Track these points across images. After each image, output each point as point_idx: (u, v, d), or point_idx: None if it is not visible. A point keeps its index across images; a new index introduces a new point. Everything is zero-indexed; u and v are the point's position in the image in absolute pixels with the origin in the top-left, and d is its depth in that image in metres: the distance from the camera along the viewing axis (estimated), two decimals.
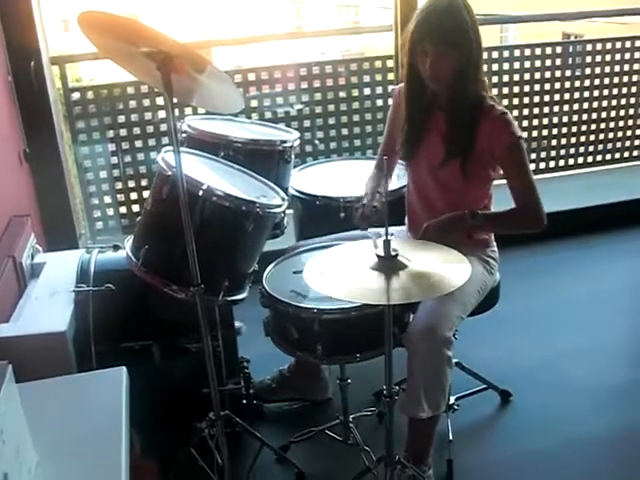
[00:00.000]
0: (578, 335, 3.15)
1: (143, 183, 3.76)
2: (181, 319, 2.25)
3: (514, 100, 4.25)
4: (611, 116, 4.48)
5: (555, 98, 4.33)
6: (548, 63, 4.25)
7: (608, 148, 4.55)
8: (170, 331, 2.38)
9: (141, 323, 2.38)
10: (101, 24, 1.79)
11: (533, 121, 4.34)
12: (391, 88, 3.78)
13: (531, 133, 4.34)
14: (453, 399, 2.54)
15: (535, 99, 4.29)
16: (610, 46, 4.33)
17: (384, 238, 1.72)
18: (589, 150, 4.52)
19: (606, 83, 4.38)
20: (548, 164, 4.48)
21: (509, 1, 11.72)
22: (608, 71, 4.36)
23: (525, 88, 4.26)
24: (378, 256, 1.72)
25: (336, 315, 2.07)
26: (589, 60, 4.33)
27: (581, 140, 4.49)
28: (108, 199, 3.80)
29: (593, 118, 4.45)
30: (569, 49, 4.35)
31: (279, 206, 2.22)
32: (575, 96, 4.37)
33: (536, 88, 4.27)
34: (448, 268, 1.74)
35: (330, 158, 3.73)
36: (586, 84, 4.36)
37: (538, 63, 4.23)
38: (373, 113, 4.01)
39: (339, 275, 1.75)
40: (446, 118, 2.25)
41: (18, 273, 2.45)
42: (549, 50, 4.23)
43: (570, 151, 4.50)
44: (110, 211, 3.82)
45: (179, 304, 2.09)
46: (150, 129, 3.71)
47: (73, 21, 1.80)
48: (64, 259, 2.55)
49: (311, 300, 2.11)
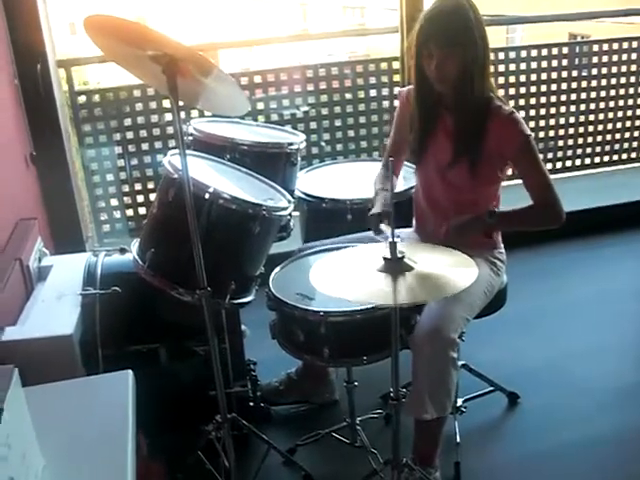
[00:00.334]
0: (585, 336, 3.14)
1: (150, 186, 3.77)
2: (188, 322, 2.26)
3: (521, 101, 4.24)
4: (618, 116, 4.46)
5: (562, 99, 4.32)
6: (555, 64, 4.23)
7: (615, 149, 4.53)
8: (177, 334, 2.37)
9: (148, 326, 2.37)
10: (107, 28, 1.80)
11: (540, 122, 4.33)
12: (397, 90, 3.79)
13: (538, 134, 4.32)
14: (460, 401, 2.53)
15: (542, 100, 4.28)
16: (617, 46, 4.31)
17: (390, 240, 1.72)
18: (596, 151, 4.51)
19: (613, 83, 4.37)
20: (555, 165, 4.47)
21: (516, 2, 11.70)
22: (615, 71, 4.34)
23: (532, 89, 4.25)
24: (385, 258, 1.71)
25: (342, 318, 2.07)
26: (596, 60, 4.32)
27: (588, 141, 4.47)
28: (115, 202, 3.81)
29: (600, 119, 4.44)
30: (576, 50, 4.34)
31: (285, 209, 2.22)
32: (582, 97, 4.36)
33: (543, 89, 4.26)
34: (454, 270, 1.74)
35: (336, 160, 3.73)
36: (593, 84, 4.35)
37: (545, 64, 4.22)
38: (379, 115, 4.01)
39: (346, 277, 1.74)
40: (453, 119, 2.25)
41: (25, 276, 2.45)
42: (555, 51, 4.22)
43: (577, 152, 4.48)
44: (117, 214, 3.83)
45: (186, 307, 2.09)
46: (157, 132, 3.71)
47: (80, 24, 1.80)
48: (71, 262, 2.56)
49: (317, 303, 2.10)
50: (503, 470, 2.43)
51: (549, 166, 4.43)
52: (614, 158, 4.57)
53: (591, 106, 4.39)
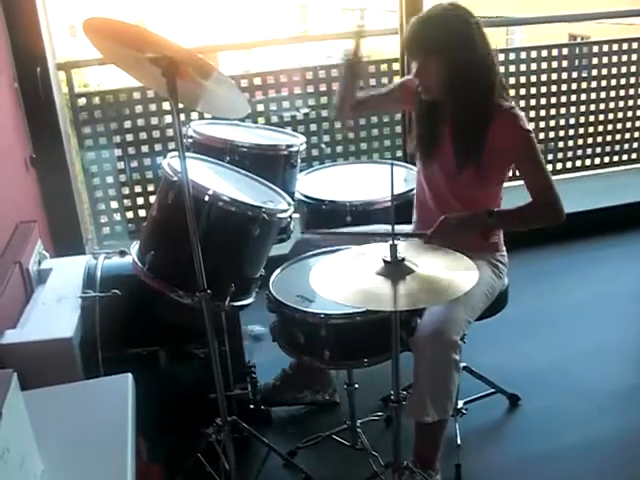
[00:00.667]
0: (586, 338, 3.13)
1: (150, 188, 3.76)
2: (188, 324, 2.25)
3: (521, 102, 4.22)
4: (619, 117, 4.45)
5: (562, 100, 4.31)
6: (555, 65, 4.23)
7: (616, 150, 4.52)
8: (177, 336, 2.37)
9: (148, 329, 2.37)
10: (106, 30, 1.79)
11: (540, 123, 4.32)
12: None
13: (538, 135, 4.31)
14: (461, 403, 2.52)
15: (542, 101, 4.28)
16: (617, 47, 4.30)
17: (390, 242, 1.72)
18: (597, 152, 4.50)
19: (613, 84, 4.36)
20: (555, 166, 4.45)
21: (515, 3, 11.71)
22: (615, 72, 4.33)
23: (532, 90, 4.24)
24: (385, 261, 1.71)
25: (343, 320, 2.06)
26: (596, 62, 4.31)
27: (588, 142, 4.46)
28: (115, 204, 3.80)
29: (601, 120, 4.43)
30: (575, 51, 4.34)
31: (285, 211, 2.21)
32: (582, 98, 4.35)
33: (543, 90, 4.25)
34: (455, 273, 1.73)
35: (336, 162, 3.73)
36: (593, 85, 4.34)
37: (545, 65, 4.21)
38: (379, 116, 4.00)
39: (346, 280, 1.74)
40: (451, 129, 2.24)
41: (25, 279, 2.45)
42: (555, 52, 4.21)
43: (578, 153, 4.48)
44: (117, 216, 3.82)
45: (186, 309, 2.08)
46: (156, 134, 3.71)
47: (79, 27, 1.80)
48: (71, 265, 2.55)
49: (318, 305, 2.09)
50: (504, 472, 2.43)
51: (550, 167, 4.42)
52: (615, 159, 4.56)
53: (591, 107, 4.38)
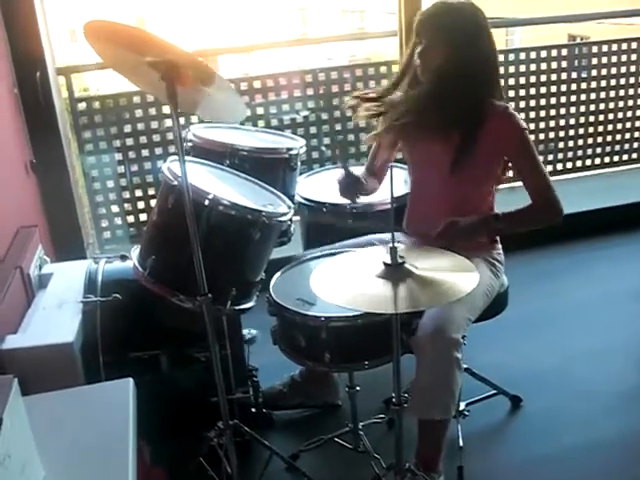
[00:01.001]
0: (588, 338, 3.13)
1: (150, 192, 3.76)
2: (189, 328, 2.25)
3: (521, 103, 4.23)
4: (619, 117, 4.45)
5: (562, 100, 4.31)
6: (554, 66, 4.23)
7: (616, 150, 4.52)
8: (178, 340, 2.37)
9: (149, 333, 2.37)
10: (106, 33, 1.80)
11: (540, 124, 4.32)
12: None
13: (538, 136, 4.32)
14: (463, 405, 2.52)
15: (542, 102, 4.27)
16: (616, 47, 4.31)
17: (390, 245, 1.71)
18: (597, 152, 4.50)
19: (613, 84, 4.36)
20: (556, 167, 4.45)
21: (514, 4, 11.71)
22: (615, 72, 4.34)
23: (531, 91, 4.24)
24: (385, 264, 1.71)
25: (343, 323, 2.06)
26: (595, 62, 4.31)
27: (588, 142, 4.46)
28: (115, 208, 3.80)
29: (601, 120, 4.42)
30: (575, 51, 4.34)
31: (285, 214, 2.21)
32: (582, 98, 4.35)
33: (542, 91, 4.25)
34: (455, 275, 1.73)
35: (337, 164, 3.72)
36: (593, 86, 4.34)
37: (544, 66, 4.21)
38: None
39: (346, 284, 1.74)
40: (444, 121, 2.25)
41: (26, 284, 2.45)
42: (555, 52, 4.21)
43: (578, 153, 4.47)
44: (118, 220, 3.82)
45: (187, 313, 2.09)
46: (157, 138, 3.71)
47: (80, 31, 1.81)
48: (72, 269, 2.55)
49: (318, 308, 2.09)
50: (507, 474, 2.42)
51: (549, 168, 4.42)
52: (615, 159, 4.56)
53: (591, 107, 4.38)
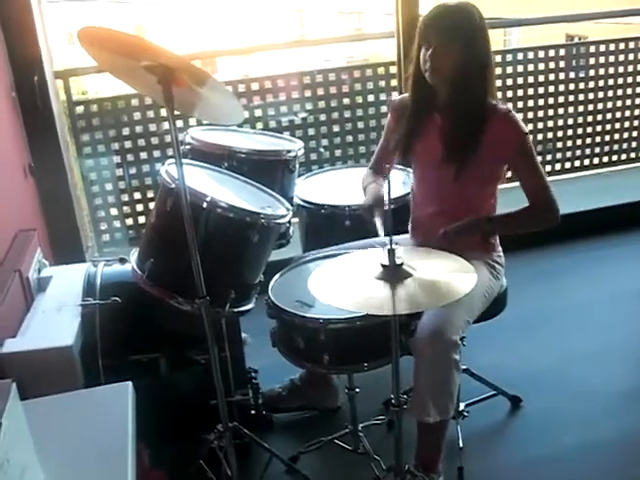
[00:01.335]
0: (588, 339, 3.13)
1: (149, 195, 3.76)
2: (188, 331, 2.25)
3: (519, 103, 4.23)
4: (617, 117, 4.45)
5: (560, 100, 4.31)
6: (552, 65, 4.23)
7: (614, 149, 4.52)
8: (177, 343, 2.37)
9: (148, 336, 2.37)
10: (101, 39, 1.80)
11: (538, 124, 4.33)
12: (396, 95, 3.79)
13: (536, 136, 4.32)
14: (463, 406, 2.52)
15: (540, 102, 4.28)
16: (614, 47, 4.31)
17: (388, 247, 1.72)
18: (595, 152, 4.50)
19: (611, 84, 4.36)
20: (554, 167, 4.46)
21: (512, 4, 11.70)
22: (612, 72, 4.34)
23: (529, 91, 4.24)
24: (383, 265, 1.71)
25: (342, 325, 2.06)
26: (593, 62, 4.31)
27: (587, 142, 4.46)
28: (114, 211, 3.80)
29: (599, 120, 4.43)
30: (573, 51, 4.34)
31: (284, 216, 2.21)
32: (580, 98, 4.35)
33: (540, 91, 4.26)
34: (453, 276, 1.73)
35: (335, 166, 3.73)
36: (591, 86, 4.34)
37: (542, 66, 4.22)
38: (377, 120, 4.00)
39: (344, 285, 1.74)
40: (446, 120, 2.25)
41: (25, 287, 2.45)
42: (552, 52, 4.22)
43: (576, 153, 4.47)
44: (116, 223, 3.82)
45: (186, 316, 2.08)
46: (155, 140, 3.71)
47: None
48: (70, 273, 2.56)
49: (317, 310, 2.10)
50: (506, 474, 2.42)
51: (548, 168, 4.42)
52: (614, 159, 4.56)
53: (589, 107, 4.38)
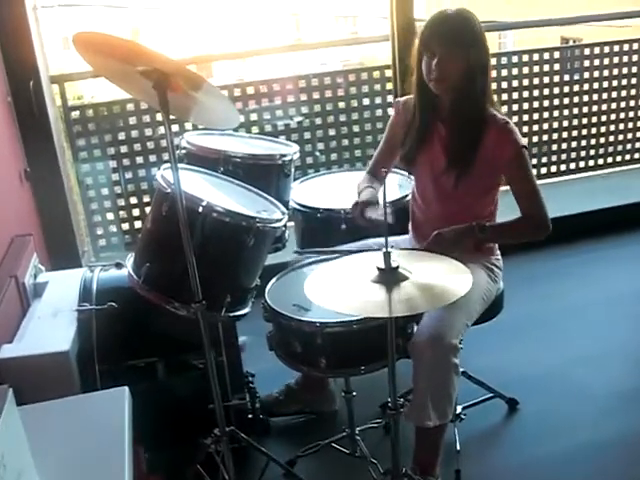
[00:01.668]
0: (584, 341, 3.14)
1: (145, 199, 3.77)
2: (185, 335, 2.24)
3: (514, 106, 4.25)
4: (611, 119, 4.47)
5: (555, 103, 4.33)
6: (547, 68, 4.25)
7: (609, 152, 4.54)
8: (174, 348, 2.37)
9: (145, 340, 2.37)
10: (96, 44, 1.80)
11: (533, 127, 4.34)
12: (391, 98, 3.80)
13: (531, 139, 4.34)
14: (460, 408, 2.52)
15: (535, 104, 4.29)
16: (608, 49, 4.33)
17: (385, 250, 1.72)
18: (590, 154, 4.52)
19: (605, 86, 4.38)
20: (549, 169, 4.47)
21: (507, 8, 11.74)
22: (607, 75, 4.36)
23: (524, 94, 4.26)
24: (379, 268, 1.71)
25: (339, 328, 2.05)
26: (587, 64, 4.33)
27: (582, 144, 4.48)
28: (110, 216, 3.81)
29: (593, 122, 4.45)
30: (567, 54, 4.35)
31: (279, 220, 2.21)
32: (575, 100, 4.37)
33: (535, 94, 4.27)
34: (450, 278, 1.73)
35: (331, 170, 3.73)
36: (585, 88, 4.36)
37: (537, 69, 4.23)
38: (373, 123, 4.01)
39: (341, 289, 1.74)
40: (448, 129, 2.26)
41: (21, 293, 2.45)
42: (547, 55, 4.23)
43: (571, 155, 4.49)
44: (113, 228, 3.83)
45: (183, 321, 2.08)
46: (150, 145, 3.72)
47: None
48: (67, 278, 2.55)
49: (314, 313, 2.09)
50: (504, 477, 2.42)
51: (543, 170, 4.45)
52: (609, 161, 4.58)
53: (584, 110, 4.40)
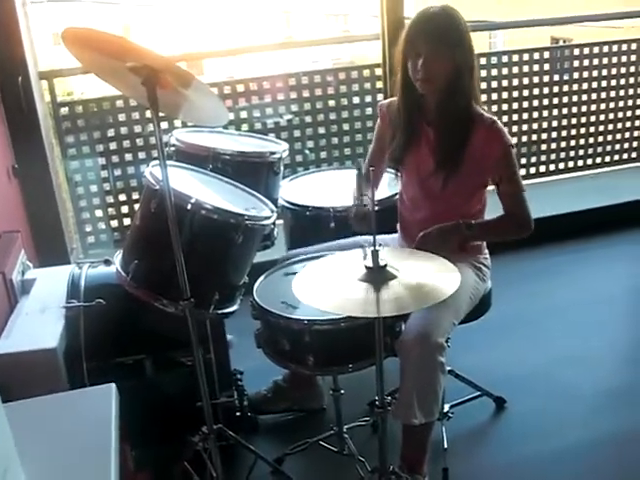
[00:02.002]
0: (570, 340, 3.15)
1: (134, 196, 3.75)
2: (173, 333, 2.24)
3: (503, 106, 4.26)
4: (601, 120, 4.49)
5: (544, 103, 4.34)
6: (537, 68, 4.26)
7: (598, 152, 4.56)
8: (162, 345, 2.36)
9: (133, 338, 2.36)
10: (86, 40, 1.80)
11: (523, 126, 4.35)
12: (381, 97, 3.80)
13: (520, 138, 4.35)
14: (447, 407, 2.53)
15: (524, 104, 4.30)
16: (598, 50, 4.34)
17: (372, 248, 1.72)
18: (579, 154, 4.53)
19: (595, 87, 4.40)
20: (538, 169, 4.48)
21: (497, 7, 11.77)
22: (596, 75, 4.37)
23: (514, 94, 4.27)
24: (367, 267, 1.71)
25: (326, 326, 2.06)
26: (577, 64, 4.34)
27: (571, 144, 4.49)
28: (99, 213, 3.79)
29: (583, 122, 4.46)
30: (557, 54, 4.37)
31: (268, 218, 2.21)
32: (564, 101, 4.38)
33: (525, 94, 4.28)
34: (438, 277, 1.74)
35: (320, 168, 3.73)
36: (575, 88, 4.38)
37: (527, 68, 4.24)
38: (363, 121, 4.01)
39: (328, 287, 1.74)
40: (435, 129, 2.26)
41: (8, 290, 2.44)
42: (537, 55, 4.24)
43: (560, 155, 4.50)
44: (101, 225, 3.81)
45: (171, 318, 2.08)
46: (140, 142, 3.71)
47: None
48: (55, 275, 2.54)
49: (302, 311, 2.09)
50: (491, 475, 2.43)
51: (532, 170, 4.46)
52: (598, 161, 4.59)
53: (573, 110, 4.42)
